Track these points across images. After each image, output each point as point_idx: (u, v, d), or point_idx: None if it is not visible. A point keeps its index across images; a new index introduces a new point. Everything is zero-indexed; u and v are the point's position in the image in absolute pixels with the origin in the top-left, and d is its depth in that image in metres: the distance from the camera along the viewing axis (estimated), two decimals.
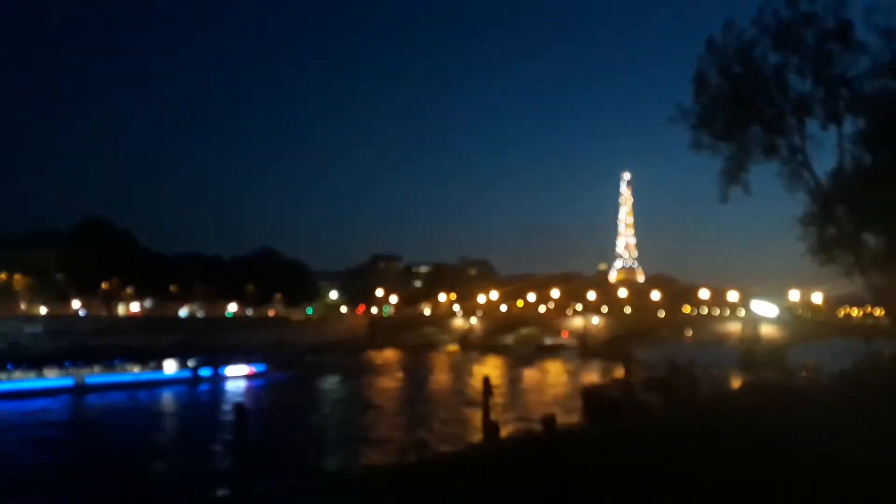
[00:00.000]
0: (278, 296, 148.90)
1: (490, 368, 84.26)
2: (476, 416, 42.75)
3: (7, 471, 32.36)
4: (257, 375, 69.51)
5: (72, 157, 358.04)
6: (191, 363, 66.68)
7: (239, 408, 43.61)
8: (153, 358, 67.56)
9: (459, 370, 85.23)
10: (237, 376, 68.14)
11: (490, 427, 28.31)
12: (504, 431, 31.04)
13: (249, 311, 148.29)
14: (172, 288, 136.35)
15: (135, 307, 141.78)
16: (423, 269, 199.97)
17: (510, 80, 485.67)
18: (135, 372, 62.91)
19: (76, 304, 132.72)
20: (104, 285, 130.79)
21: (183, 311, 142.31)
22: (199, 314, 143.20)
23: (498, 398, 50.84)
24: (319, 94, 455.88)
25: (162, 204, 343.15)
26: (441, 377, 77.95)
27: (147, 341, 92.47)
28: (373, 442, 38.82)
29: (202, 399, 58.98)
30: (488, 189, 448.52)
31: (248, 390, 62.63)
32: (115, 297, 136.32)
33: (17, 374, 56.79)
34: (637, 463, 17.10)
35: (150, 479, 30.21)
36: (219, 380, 66.12)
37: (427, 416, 47.91)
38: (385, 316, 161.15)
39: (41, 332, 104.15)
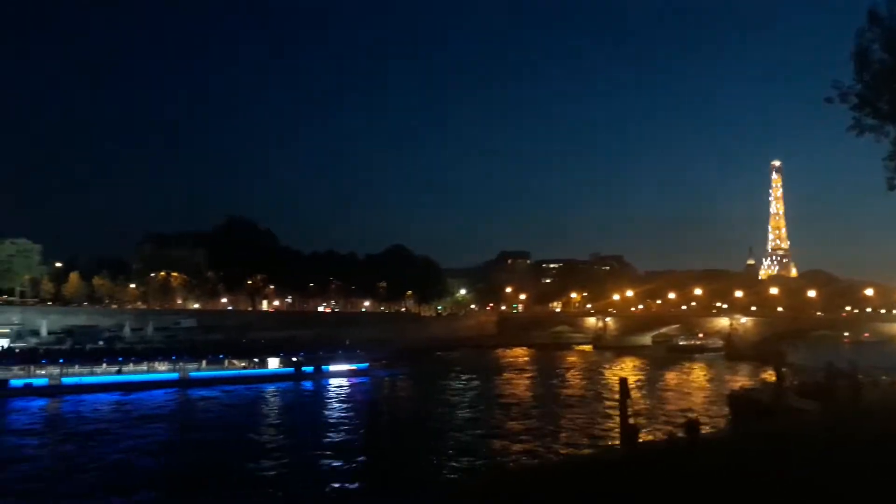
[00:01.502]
0: (409, 292, 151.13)
1: (626, 369, 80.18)
2: (611, 419, 39.95)
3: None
4: (360, 373, 69.16)
5: (216, 159, 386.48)
6: (294, 359, 67.51)
7: (373, 406, 42.34)
8: (289, 352, 69.45)
9: (593, 371, 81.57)
10: (340, 373, 68.04)
11: (628, 431, 25.74)
12: (643, 437, 28.63)
13: (382, 308, 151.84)
14: (310, 285, 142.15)
15: (277, 303, 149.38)
16: (553, 266, 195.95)
17: (647, 69, 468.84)
18: (239, 367, 64.47)
19: (225, 299, 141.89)
20: (249, 282, 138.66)
21: (321, 307, 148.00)
22: (336, 310, 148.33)
23: (636, 401, 47.54)
24: (449, 94, 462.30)
25: (298, 204, 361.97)
26: (573, 377, 74.71)
27: (287, 335, 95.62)
28: (492, 447, 36.11)
29: (304, 395, 58.81)
30: (624, 181, 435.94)
31: (351, 387, 62.24)
32: (259, 293, 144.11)
33: (130, 366, 59.64)
34: (790, 475, 15.33)
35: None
36: (321, 376, 66.38)
37: (558, 418, 45.19)
38: (514, 313, 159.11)
39: (195, 326, 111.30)
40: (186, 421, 45.01)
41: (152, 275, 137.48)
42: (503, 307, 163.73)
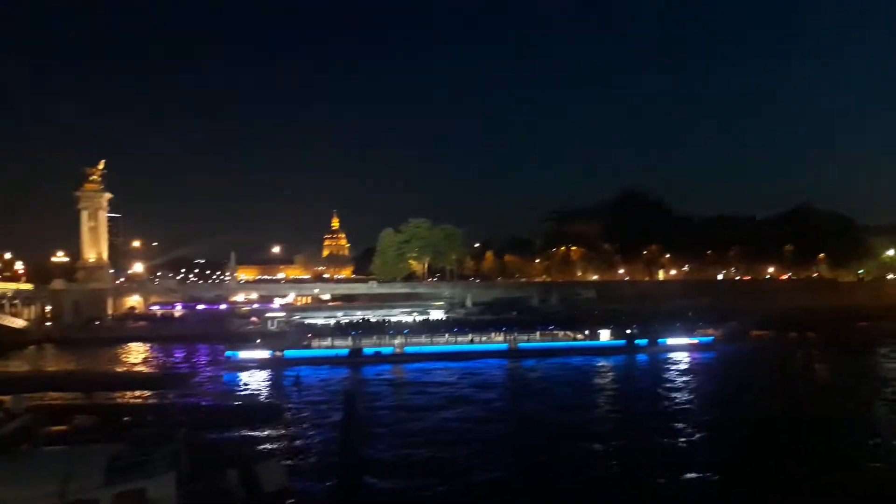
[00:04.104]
0: (821, 256, 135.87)
1: None
2: None
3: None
4: (704, 346, 63.25)
5: (601, 136, 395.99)
6: (627, 332, 64.65)
7: (722, 385, 37.74)
8: (622, 324, 67.35)
9: None
10: (678, 347, 62.89)
11: None
12: None
13: (790, 274, 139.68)
14: (707, 252, 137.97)
15: (674, 272, 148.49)
16: None
17: None
18: (572, 339, 64.04)
19: (622, 270, 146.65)
20: (644, 252, 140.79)
21: (720, 275, 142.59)
22: (737, 277, 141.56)
23: None
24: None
25: (687, 168, 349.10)
26: None
27: (684, 305, 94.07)
28: None
29: (637, 370, 55.23)
30: None
31: (693, 363, 56.43)
32: (655, 263, 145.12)
33: (461, 338, 62.26)
34: None
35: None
36: (657, 350, 62.25)
37: None
38: None
39: (594, 297, 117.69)
40: (514, 391, 44.87)
41: (553, 250, 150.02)
42: None
